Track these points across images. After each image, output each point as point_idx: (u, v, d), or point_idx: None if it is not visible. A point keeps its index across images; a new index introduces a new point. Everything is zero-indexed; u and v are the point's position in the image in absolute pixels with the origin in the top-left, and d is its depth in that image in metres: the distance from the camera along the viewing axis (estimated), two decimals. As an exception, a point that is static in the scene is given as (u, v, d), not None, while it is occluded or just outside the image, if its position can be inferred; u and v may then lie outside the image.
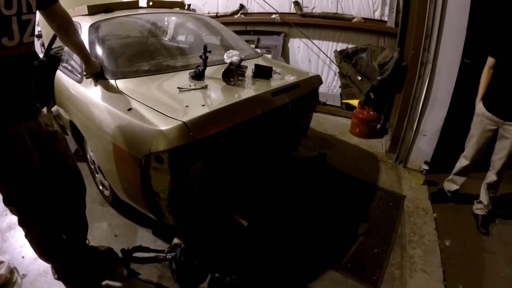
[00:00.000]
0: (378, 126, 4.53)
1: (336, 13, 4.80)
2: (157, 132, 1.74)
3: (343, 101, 4.99)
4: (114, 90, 2.14)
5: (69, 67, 2.67)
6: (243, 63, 2.65)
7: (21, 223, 1.69)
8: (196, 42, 3.41)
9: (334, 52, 4.90)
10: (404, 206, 3.08)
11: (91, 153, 2.63)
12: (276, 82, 2.59)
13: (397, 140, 3.81)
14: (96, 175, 2.75)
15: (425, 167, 3.44)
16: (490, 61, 2.72)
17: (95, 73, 2.18)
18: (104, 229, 2.54)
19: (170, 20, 3.47)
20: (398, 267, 2.39)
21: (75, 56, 2.55)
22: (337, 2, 4.71)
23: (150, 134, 1.77)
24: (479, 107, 2.80)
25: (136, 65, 2.50)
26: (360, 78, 4.55)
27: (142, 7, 3.27)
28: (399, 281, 2.28)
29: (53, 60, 3.04)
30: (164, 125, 1.75)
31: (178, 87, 2.20)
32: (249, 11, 5.35)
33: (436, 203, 3.14)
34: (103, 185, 2.71)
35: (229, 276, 2.10)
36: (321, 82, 3.12)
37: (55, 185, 1.73)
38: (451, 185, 3.13)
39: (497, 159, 2.73)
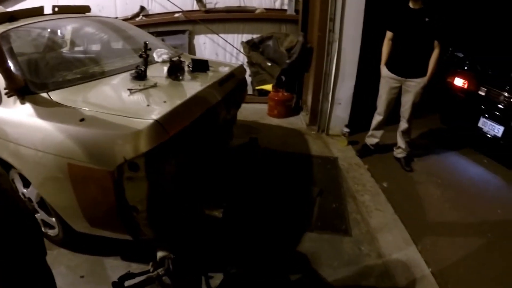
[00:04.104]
0: (292, 105, 4.82)
1: (239, 6, 4.91)
2: (130, 135, 1.56)
3: (256, 88, 5.15)
4: (51, 103, 1.80)
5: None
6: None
7: None
8: (116, 45, 3.14)
9: (241, 43, 5.01)
10: (340, 166, 3.38)
11: (25, 190, 2.05)
12: (215, 73, 2.59)
13: (316, 112, 4.14)
14: (37, 214, 2.15)
15: (347, 129, 3.82)
16: (388, 34, 3.24)
17: (19, 88, 1.79)
18: (64, 274, 2.01)
19: (83, 25, 3.10)
20: (357, 213, 2.64)
21: None
22: (239, -5, 4.84)
23: (121, 140, 1.56)
24: (384, 70, 3.26)
25: (65, 73, 2.18)
26: (270, 64, 4.77)
27: (47, 14, 2.85)
28: (363, 223, 2.52)
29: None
30: (135, 127, 1.57)
31: (128, 89, 2.01)
32: (150, 12, 5.10)
33: (364, 157, 3.54)
34: (46, 225, 2.16)
35: (228, 270, 2.03)
36: (246, 71, 3.22)
37: (10, 232, 1.39)
38: (372, 139, 3.55)
39: (405, 110, 3.23)
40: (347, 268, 2.09)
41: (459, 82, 3.95)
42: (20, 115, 1.79)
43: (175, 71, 2.26)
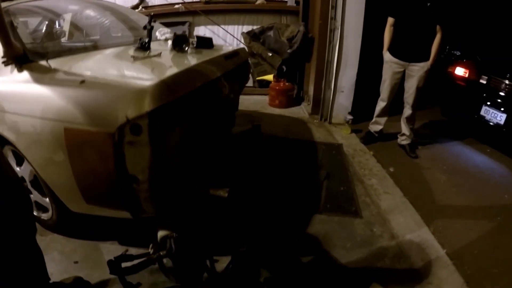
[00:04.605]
0: (294, 95, 4.71)
1: (240, -3, 4.81)
2: (134, 93, 1.43)
3: (257, 78, 5.03)
4: (50, 69, 1.66)
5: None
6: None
7: None
8: (116, 26, 3.00)
9: (242, 34, 4.87)
10: (345, 151, 3.27)
11: (18, 169, 1.86)
12: (219, 50, 2.48)
13: (318, 101, 4.03)
14: (30, 195, 1.89)
15: (350, 117, 3.72)
16: (390, 20, 3.14)
17: (18, 56, 1.66)
18: (57, 260, 1.81)
19: (84, 7, 2.96)
20: (366, 195, 2.54)
21: None
22: (240, -13, 4.73)
23: (124, 98, 1.43)
24: (387, 55, 3.17)
25: (66, 44, 2.08)
26: (270, 54, 4.63)
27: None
28: (373, 205, 2.42)
29: None
30: (140, 86, 1.45)
31: (132, 56, 1.89)
32: (150, 3, 4.95)
33: (368, 144, 3.44)
34: (39, 208, 1.96)
35: (237, 249, 1.89)
36: (248, 54, 3.11)
37: None
38: (376, 126, 3.45)
39: (408, 95, 3.14)
40: (360, 250, 1.98)
41: (459, 71, 3.88)
42: (16, 83, 1.65)
43: (180, 42, 2.14)
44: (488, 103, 3.44)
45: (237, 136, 3.47)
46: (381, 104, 3.34)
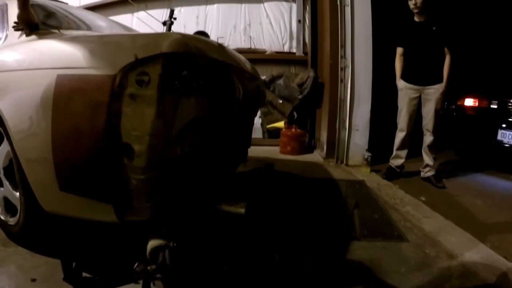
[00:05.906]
0: (306, 143, 4.61)
1: (250, 48, 4.97)
2: (150, 36, 1.30)
3: (268, 127, 4.97)
4: (60, 34, 1.55)
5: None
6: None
7: None
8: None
9: (252, 84, 4.97)
10: (369, 186, 3.06)
11: None
12: None
13: (333, 143, 3.89)
14: (1, 189, 1.65)
15: (368, 153, 3.54)
16: (399, 50, 3.20)
17: (30, 22, 1.62)
18: (12, 274, 1.48)
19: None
20: (404, 221, 2.29)
21: None
22: (250, 39, 4.91)
23: (136, 40, 1.25)
24: (401, 83, 3.18)
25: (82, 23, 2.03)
26: (281, 101, 4.66)
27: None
28: (416, 229, 2.16)
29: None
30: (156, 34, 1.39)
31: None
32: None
33: (391, 181, 3.23)
34: (8, 209, 1.65)
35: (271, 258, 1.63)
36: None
37: None
38: (397, 160, 3.29)
39: (428, 121, 3.06)
40: (419, 273, 1.67)
41: (469, 102, 3.89)
42: (19, 43, 1.59)
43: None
44: (504, 125, 3.43)
45: (248, 173, 3.22)
46: (400, 135, 3.23)
